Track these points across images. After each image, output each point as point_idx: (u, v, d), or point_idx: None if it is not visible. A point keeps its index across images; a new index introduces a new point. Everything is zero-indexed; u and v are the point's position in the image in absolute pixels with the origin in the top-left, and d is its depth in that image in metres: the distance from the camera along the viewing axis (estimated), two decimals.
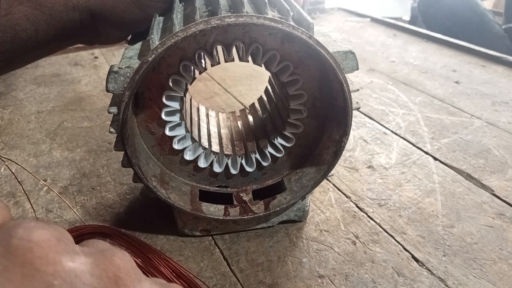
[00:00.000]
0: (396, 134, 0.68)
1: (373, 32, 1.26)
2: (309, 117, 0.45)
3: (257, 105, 0.55)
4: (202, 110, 0.54)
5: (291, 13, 0.38)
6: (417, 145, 0.65)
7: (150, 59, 0.35)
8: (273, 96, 0.51)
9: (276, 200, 0.47)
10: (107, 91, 0.37)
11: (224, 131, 0.51)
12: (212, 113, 0.54)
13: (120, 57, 0.44)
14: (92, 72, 0.97)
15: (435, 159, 0.62)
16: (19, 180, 0.60)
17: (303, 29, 0.36)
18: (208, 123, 0.52)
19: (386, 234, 0.48)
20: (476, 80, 0.88)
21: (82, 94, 0.86)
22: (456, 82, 0.87)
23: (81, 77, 0.94)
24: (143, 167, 0.43)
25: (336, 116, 0.43)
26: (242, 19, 0.35)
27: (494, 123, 0.71)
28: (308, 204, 0.49)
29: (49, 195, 0.57)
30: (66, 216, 0.53)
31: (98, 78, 0.93)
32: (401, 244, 0.47)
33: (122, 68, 0.37)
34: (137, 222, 0.51)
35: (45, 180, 0.60)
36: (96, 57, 1.06)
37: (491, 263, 0.44)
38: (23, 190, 0.57)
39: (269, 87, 0.53)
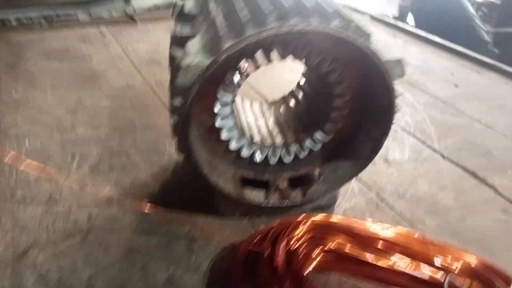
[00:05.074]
0: (406, 131, 0.73)
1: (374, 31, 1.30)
2: (347, 114, 0.49)
3: (292, 97, 0.58)
4: (246, 102, 0.56)
5: (352, 24, 0.41)
6: (426, 143, 0.70)
7: (220, 59, 0.38)
8: (311, 91, 0.54)
9: (313, 188, 0.51)
10: (176, 85, 0.39)
11: (265, 123, 0.54)
12: (254, 105, 0.56)
13: (128, 36, 0.44)
14: (102, 50, 0.96)
15: (443, 157, 0.67)
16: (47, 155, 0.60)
17: (366, 39, 0.39)
18: (250, 114, 0.54)
19: (407, 223, 0.53)
20: (472, 84, 0.94)
21: (96, 72, 0.86)
22: (455, 85, 0.93)
23: (92, 55, 0.93)
24: (197, 155, 0.45)
25: (376, 115, 0.47)
26: (310, 27, 0.37)
27: (492, 127, 0.77)
28: (339, 192, 0.53)
29: (80, 170, 0.58)
30: (101, 192, 0.54)
31: (109, 57, 0.93)
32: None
33: (192, 65, 0.39)
34: (174, 202, 0.53)
35: (73, 157, 0.60)
36: (103, 35, 1.05)
37: (501, 252, 0.49)
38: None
39: (304, 81, 0.56)
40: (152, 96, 0.78)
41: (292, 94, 0.58)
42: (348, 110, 0.48)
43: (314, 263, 0.41)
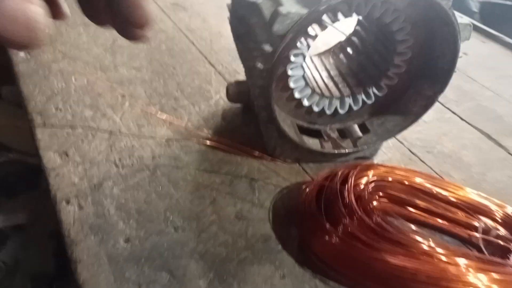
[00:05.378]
0: None
1: None
2: (404, 72, 0.53)
3: (341, 51, 0.61)
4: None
5: None
6: (446, 105, 0.76)
7: (321, 9, 0.40)
8: (367, 46, 0.57)
9: (363, 139, 0.55)
10: (272, 31, 0.41)
11: (320, 75, 0.57)
12: (314, 57, 0.59)
13: None
14: None
15: (462, 119, 0.73)
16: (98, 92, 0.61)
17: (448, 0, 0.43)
18: (311, 64, 0.57)
19: (437, 175, 0.59)
20: (480, 54, 1.00)
21: None
22: (465, 53, 0.98)
23: None
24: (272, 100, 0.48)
25: (431, 75, 0.51)
26: None
27: (500, 95, 0.83)
28: (381, 145, 0.58)
29: (133, 110, 0.59)
30: (159, 132, 0.57)
31: None
32: None
33: (291, 12, 0.41)
34: (229, 146, 0.56)
35: (123, 96, 0.62)
36: None
37: None
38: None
39: (358, 37, 0.58)
40: (186, 42, 0.78)
41: (340, 48, 0.61)
42: (406, 68, 0.51)
43: (375, 203, 0.47)
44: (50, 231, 0.66)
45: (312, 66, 0.59)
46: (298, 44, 0.46)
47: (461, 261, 0.42)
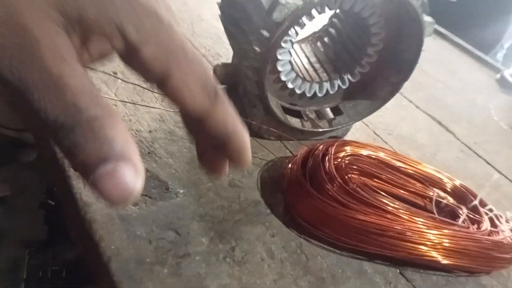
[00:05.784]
0: None
1: None
2: (374, 61, 0.60)
3: (318, 40, 0.67)
4: None
5: None
6: (403, 94, 0.85)
7: (316, 1, 0.46)
8: (342, 36, 0.64)
9: (337, 120, 0.63)
10: (271, 18, 0.47)
11: (304, 60, 0.63)
12: (294, 45, 0.65)
13: None
14: None
15: (417, 107, 0.83)
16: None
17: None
18: (292, 51, 0.63)
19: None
20: (431, 50, 1.12)
21: None
22: None
23: None
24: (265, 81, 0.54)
25: (397, 65, 0.59)
26: None
27: (449, 87, 0.95)
28: (351, 126, 0.66)
29: (127, 87, 0.63)
30: (153, 108, 0.61)
31: None
32: None
33: (289, 3, 0.46)
34: None
35: (115, 73, 0.64)
36: None
37: (461, 179, 0.67)
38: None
39: (335, 28, 0.65)
40: None
41: (317, 37, 0.68)
42: (376, 57, 0.59)
43: (350, 174, 0.54)
44: (40, 202, 0.68)
45: (293, 53, 0.65)
46: (290, 31, 0.52)
47: (419, 220, 0.50)
